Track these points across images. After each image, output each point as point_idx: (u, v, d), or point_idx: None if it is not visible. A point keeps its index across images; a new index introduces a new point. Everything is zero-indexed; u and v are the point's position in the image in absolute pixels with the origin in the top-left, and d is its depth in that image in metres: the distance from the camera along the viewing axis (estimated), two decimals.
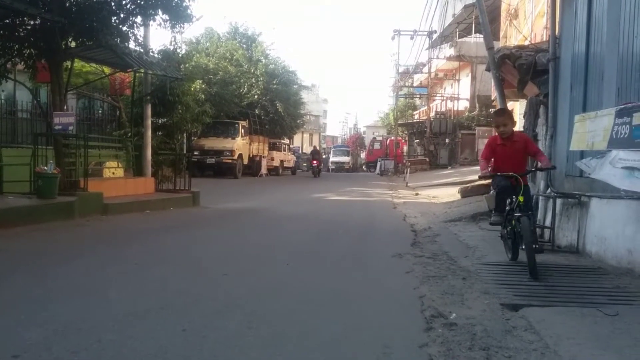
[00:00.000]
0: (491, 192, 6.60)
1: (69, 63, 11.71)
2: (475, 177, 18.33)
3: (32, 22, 10.57)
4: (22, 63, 11.07)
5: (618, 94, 6.18)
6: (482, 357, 3.35)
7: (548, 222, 7.78)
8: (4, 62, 10.85)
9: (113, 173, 12.78)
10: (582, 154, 6.92)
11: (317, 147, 44.19)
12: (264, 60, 31.27)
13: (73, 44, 11.25)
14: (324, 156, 50.40)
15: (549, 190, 7.96)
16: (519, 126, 15.17)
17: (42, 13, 9.89)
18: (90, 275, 5.45)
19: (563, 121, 7.79)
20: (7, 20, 10.25)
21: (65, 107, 11.19)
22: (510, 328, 3.91)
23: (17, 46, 10.67)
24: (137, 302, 4.44)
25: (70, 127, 10.45)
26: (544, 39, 12.85)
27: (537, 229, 8.09)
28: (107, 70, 14.85)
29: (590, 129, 6.04)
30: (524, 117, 9.49)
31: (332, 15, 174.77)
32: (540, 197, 8.20)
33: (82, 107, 16.90)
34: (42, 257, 6.30)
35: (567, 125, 7.47)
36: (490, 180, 6.72)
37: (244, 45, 31.96)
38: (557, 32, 8.21)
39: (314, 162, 35.86)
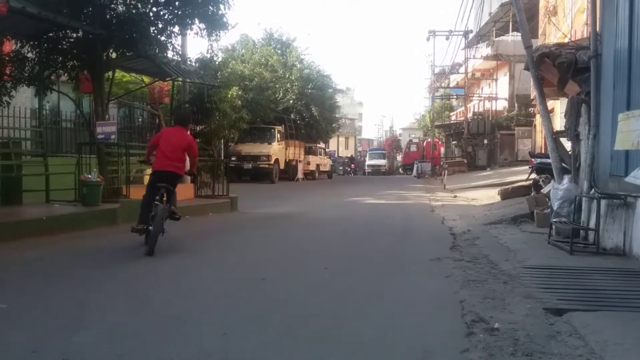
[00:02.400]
0: (532, 194, 6.50)
1: (110, 73, 12.04)
2: (516, 178, 18.00)
3: (74, 35, 10.90)
4: (66, 74, 11.42)
5: None
6: None
7: (592, 224, 7.57)
8: (48, 74, 11.22)
9: None
10: (627, 154, 6.73)
11: (352, 155, 60.07)
12: (298, 65, 31.44)
13: (114, 55, 11.55)
14: (360, 159, 60.49)
15: (592, 191, 7.75)
16: (559, 126, 14.81)
17: (83, 26, 10.19)
18: (133, 279, 5.58)
19: (606, 120, 7.58)
20: (50, 34, 10.60)
21: (107, 117, 11.51)
22: (554, 333, 3.82)
23: (60, 58, 11.02)
24: (179, 306, 4.53)
25: (113, 136, 10.72)
26: (585, 36, 12.53)
27: (581, 231, 7.90)
28: (146, 79, 15.20)
29: (635, 128, 5.87)
30: (565, 116, 9.25)
31: (367, 17, 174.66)
32: (584, 199, 7.99)
33: (123, 116, 17.32)
34: (87, 263, 6.48)
35: (610, 124, 7.27)
36: (530, 182, 6.63)
37: (279, 51, 32.19)
38: (598, 28, 8.00)
39: (352, 165, 51.71)
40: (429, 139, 45.06)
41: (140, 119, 18.06)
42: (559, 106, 18.80)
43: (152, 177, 7.22)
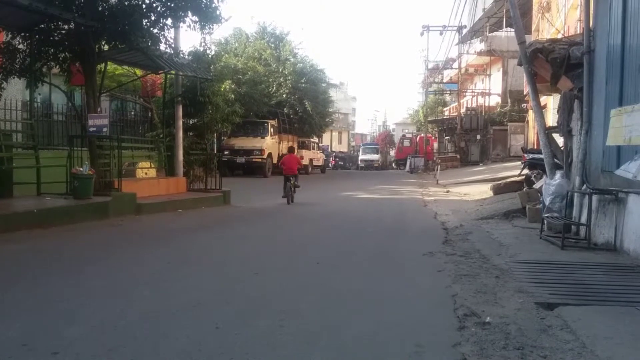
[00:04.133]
0: (524, 189, 6.54)
1: (102, 66, 11.94)
2: (509, 173, 18.07)
3: (66, 27, 10.79)
4: (57, 66, 11.32)
5: None
6: (516, 357, 3.30)
7: (584, 219, 7.61)
8: (40, 66, 11.11)
9: (146, 173, 12.98)
10: (619, 150, 6.77)
11: (332, 150, 60.32)
12: (292, 59, 31.32)
13: (106, 47, 11.45)
14: (354, 154, 60.93)
15: (584, 187, 7.79)
16: (551, 121, 14.87)
17: (75, 17, 10.09)
18: (125, 273, 5.56)
19: (598, 116, 7.60)
20: (42, 25, 10.49)
21: (99, 109, 11.42)
22: (545, 327, 3.84)
23: (52, 50, 10.92)
24: (171, 300, 4.52)
25: (104, 129, 10.66)
26: (578, 32, 12.56)
27: (573, 226, 7.94)
28: (139, 72, 15.09)
29: (627, 124, 5.89)
30: (557, 112, 9.29)
31: (361, 12, 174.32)
32: (576, 194, 8.03)
33: (115, 109, 17.22)
34: (78, 256, 6.45)
35: (602, 120, 7.30)
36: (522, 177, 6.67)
37: (272, 45, 32.05)
38: (591, 24, 8.02)
39: (333, 161, 52.44)
40: (422, 134, 45.14)
41: (132, 112, 17.95)
42: (551, 102, 18.86)
43: (284, 177, 14.11)
